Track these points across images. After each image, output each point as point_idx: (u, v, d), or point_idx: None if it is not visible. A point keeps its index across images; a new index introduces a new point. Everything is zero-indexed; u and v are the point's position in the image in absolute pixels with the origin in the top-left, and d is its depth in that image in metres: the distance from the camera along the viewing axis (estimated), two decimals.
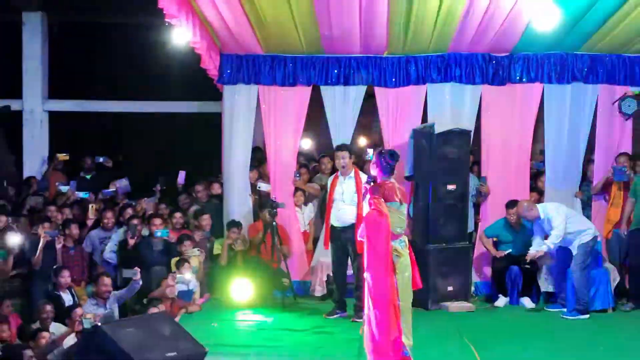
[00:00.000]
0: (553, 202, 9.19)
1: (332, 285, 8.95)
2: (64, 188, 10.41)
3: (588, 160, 10.06)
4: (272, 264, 9.37)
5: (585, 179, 10.03)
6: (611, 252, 9.60)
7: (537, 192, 10.02)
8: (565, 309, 8.79)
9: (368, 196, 5.81)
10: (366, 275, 5.68)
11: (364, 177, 8.44)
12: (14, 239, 8.40)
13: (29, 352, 6.21)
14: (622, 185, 9.38)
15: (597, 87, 9.87)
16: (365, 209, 5.86)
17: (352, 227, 8.21)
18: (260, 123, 10.21)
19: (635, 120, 9.99)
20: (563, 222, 8.64)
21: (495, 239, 9.54)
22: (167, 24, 8.09)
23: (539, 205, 8.97)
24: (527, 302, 9.25)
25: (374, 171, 6.03)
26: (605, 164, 9.86)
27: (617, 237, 9.48)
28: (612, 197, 9.63)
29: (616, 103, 9.87)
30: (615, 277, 9.23)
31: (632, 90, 9.83)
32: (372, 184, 5.94)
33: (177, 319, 7.37)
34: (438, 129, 9.24)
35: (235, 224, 9.69)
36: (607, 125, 9.93)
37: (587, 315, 8.61)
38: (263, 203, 9.83)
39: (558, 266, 9.08)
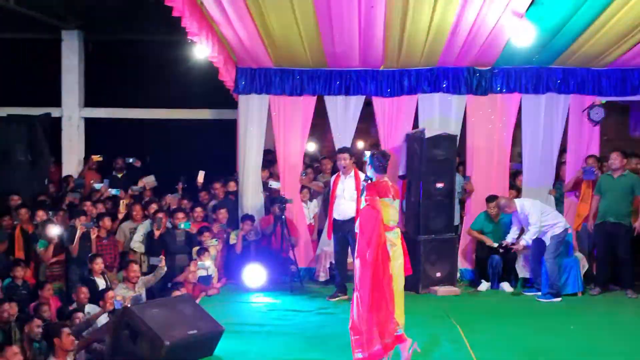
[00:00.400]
0: (529, 198, 9.21)
1: (334, 271, 8.97)
2: (97, 185, 10.44)
3: (560, 161, 10.05)
4: (282, 252, 9.41)
5: (558, 178, 10.03)
6: (581, 242, 9.61)
7: (516, 189, 10.02)
8: (540, 293, 8.80)
9: (365, 193, 5.82)
10: (355, 261, 5.66)
11: (362, 177, 8.47)
12: (54, 230, 8.43)
13: (66, 330, 6.22)
14: (591, 183, 9.37)
15: (568, 97, 9.85)
16: (363, 204, 5.86)
17: (352, 220, 8.23)
18: (271, 128, 10.22)
19: (602, 126, 9.98)
20: (539, 218, 8.66)
21: (480, 230, 9.57)
22: (189, 41, 8.12)
23: (516, 201, 8.99)
24: (506, 286, 9.25)
25: (369, 172, 6.02)
26: (575, 165, 9.85)
27: (586, 229, 9.48)
28: (581, 194, 9.62)
29: (585, 111, 9.85)
30: (584, 265, 9.26)
31: (599, 99, 9.83)
32: (369, 182, 5.95)
33: (197, 301, 7.39)
34: (428, 134, 9.24)
35: (249, 217, 9.72)
36: (577, 131, 9.92)
37: (560, 299, 8.61)
38: (273, 199, 9.84)
39: (533, 255, 9.10)
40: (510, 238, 8.96)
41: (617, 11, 7.37)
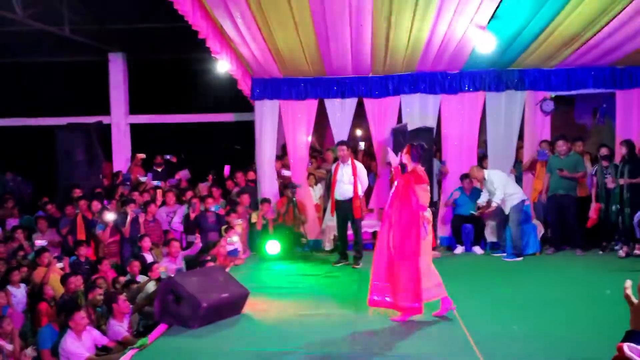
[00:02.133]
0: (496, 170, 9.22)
1: (337, 241, 8.99)
2: (142, 178, 10.48)
3: (519, 146, 10.02)
4: (294, 228, 9.43)
5: (517, 159, 10.00)
6: (537, 211, 9.59)
7: (482, 169, 10.00)
8: (505, 254, 8.82)
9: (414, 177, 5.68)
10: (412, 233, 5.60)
11: (358, 164, 8.47)
12: (109, 216, 8.47)
13: (122, 296, 6.26)
14: (544, 163, 9.35)
15: (524, 93, 9.80)
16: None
17: (351, 200, 8.25)
18: (282, 127, 10.22)
19: (552, 116, 9.94)
20: (501, 186, 8.66)
21: (454, 204, 9.59)
22: (213, 58, 8.11)
23: (485, 171, 9.00)
24: (477, 249, 9.28)
25: (405, 158, 5.81)
26: (531, 148, 9.82)
27: (540, 201, 9.47)
28: (537, 173, 9.61)
29: (538, 104, 9.81)
30: (540, 230, 9.25)
31: (549, 94, 9.79)
32: (400, 166, 5.81)
33: (227, 270, 7.43)
34: (410, 127, 9.22)
35: (266, 200, 9.73)
36: (532, 121, 9.87)
37: (521, 258, 8.62)
38: (286, 184, 9.86)
39: (499, 223, 9.10)
40: (481, 201, 8.99)
41: (560, 23, 7.32)
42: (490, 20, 7.13)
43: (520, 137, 9.98)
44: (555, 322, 5.59)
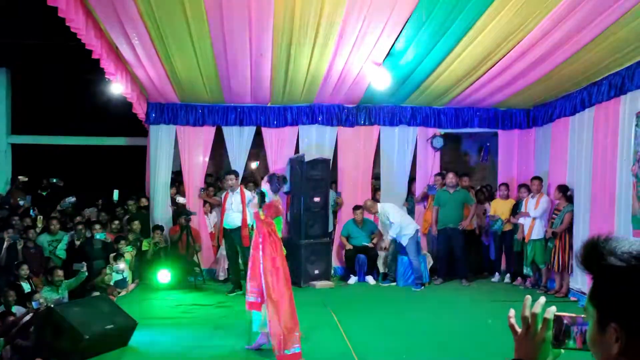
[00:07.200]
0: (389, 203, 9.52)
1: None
2: (22, 202, 9.87)
3: (411, 179, 10.43)
4: (187, 256, 9.21)
5: (410, 192, 10.39)
6: (427, 243, 9.98)
7: (376, 202, 10.30)
8: (394, 284, 9.08)
9: (265, 212, 5.49)
10: (266, 272, 5.40)
11: (246, 192, 8.49)
12: None
13: None
14: (434, 197, 9.78)
15: (416, 129, 10.26)
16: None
17: (239, 229, 8.25)
18: (178, 153, 10.03)
19: (442, 152, 10.46)
20: (398, 218, 8.96)
21: (347, 235, 9.75)
22: (107, 79, 7.85)
23: (378, 204, 9.27)
24: (370, 279, 9.47)
25: (265, 187, 5.73)
26: (423, 182, 10.27)
27: (430, 233, 9.86)
28: (428, 205, 10.03)
29: (429, 140, 10.30)
30: (430, 261, 9.62)
31: (439, 131, 10.30)
32: (261, 194, 5.78)
33: (114, 299, 7.09)
34: (307, 158, 9.37)
35: (159, 227, 9.47)
36: (424, 155, 10.35)
37: (422, 287, 8.93)
38: (180, 211, 9.63)
39: (392, 254, 9.37)
40: (387, 237, 9.18)
41: (449, 65, 7.72)
42: (385, 57, 7.43)
43: (413, 170, 10.37)
44: (444, 351, 5.80)
